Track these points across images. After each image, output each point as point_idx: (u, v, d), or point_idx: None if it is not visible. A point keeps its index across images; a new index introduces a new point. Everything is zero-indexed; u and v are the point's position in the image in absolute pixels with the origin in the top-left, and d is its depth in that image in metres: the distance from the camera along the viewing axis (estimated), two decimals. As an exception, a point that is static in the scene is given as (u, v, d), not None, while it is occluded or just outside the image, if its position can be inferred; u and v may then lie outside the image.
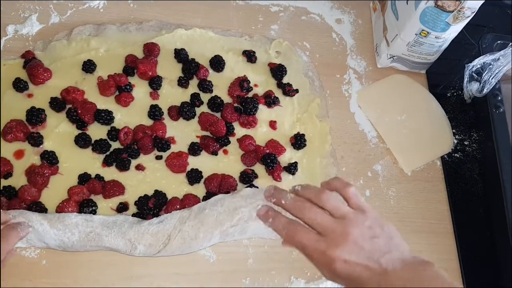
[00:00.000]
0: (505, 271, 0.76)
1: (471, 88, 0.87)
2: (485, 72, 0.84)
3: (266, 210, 0.63)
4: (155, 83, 0.78)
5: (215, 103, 0.79)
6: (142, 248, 0.66)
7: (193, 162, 0.75)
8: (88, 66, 0.77)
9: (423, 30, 0.81)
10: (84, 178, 0.70)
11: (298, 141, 0.79)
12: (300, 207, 0.60)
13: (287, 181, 0.77)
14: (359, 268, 0.56)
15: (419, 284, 0.55)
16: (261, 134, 0.80)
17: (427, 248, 0.80)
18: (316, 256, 0.58)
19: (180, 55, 0.81)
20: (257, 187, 0.74)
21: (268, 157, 0.76)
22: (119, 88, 0.77)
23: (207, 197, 0.72)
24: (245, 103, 0.80)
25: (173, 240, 0.66)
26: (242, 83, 0.81)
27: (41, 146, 0.71)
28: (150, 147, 0.74)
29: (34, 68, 0.74)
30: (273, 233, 0.61)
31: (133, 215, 0.69)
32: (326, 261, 0.57)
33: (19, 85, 0.73)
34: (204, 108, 0.80)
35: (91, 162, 0.72)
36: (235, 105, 0.81)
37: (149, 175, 0.73)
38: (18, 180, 0.69)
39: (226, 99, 0.81)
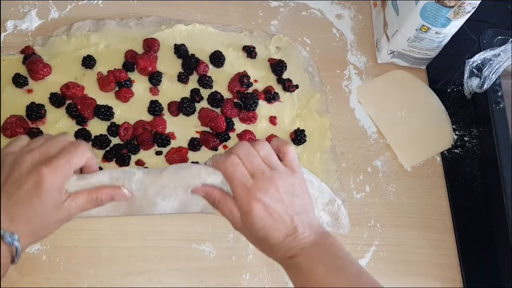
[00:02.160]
0: (504, 266, 0.76)
1: (472, 84, 0.86)
2: (486, 68, 0.84)
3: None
4: (155, 78, 0.78)
5: (215, 99, 0.79)
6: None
7: (193, 157, 0.75)
8: (88, 62, 0.77)
9: (423, 25, 0.81)
10: (84, 173, 0.70)
11: (298, 137, 0.79)
12: (240, 145, 0.63)
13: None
14: (273, 216, 0.59)
15: (320, 249, 0.59)
16: (261, 129, 0.80)
17: (426, 244, 0.80)
18: (240, 192, 0.60)
19: (180, 50, 0.81)
20: None
21: None
22: (118, 84, 0.77)
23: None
24: (245, 99, 0.79)
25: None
26: (242, 78, 0.81)
27: (41, 142, 0.71)
28: (150, 143, 0.74)
29: (33, 64, 0.74)
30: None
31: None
32: (247, 199, 0.59)
33: (18, 81, 0.73)
34: (204, 104, 0.79)
35: (91, 158, 0.72)
36: (235, 100, 0.80)
37: (149, 171, 0.73)
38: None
39: (226, 94, 0.81)
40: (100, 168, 0.66)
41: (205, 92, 0.80)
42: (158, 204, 0.62)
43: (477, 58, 0.85)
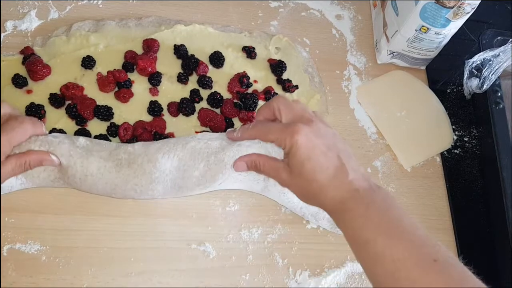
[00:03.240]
0: (504, 266, 0.76)
1: (471, 84, 0.86)
2: (485, 68, 0.84)
3: (233, 130, 0.66)
4: (154, 79, 0.78)
5: (215, 99, 0.79)
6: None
7: (193, 158, 0.75)
8: (88, 62, 0.77)
9: (423, 26, 0.81)
10: (83, 174, 0.70)
11: (298, 137, 0.79)
12: (274, 99, 0.63)
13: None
14: (318, 150, 0.57)
15: (375, 195, 0.56)
16: (260, 130, 0.80)
17: (426, 244, 0.80)
18: (280, 135, 0.59)
19: (179, 51, 0.81)
20: None
21: None
22: (118, 84, 0.77)
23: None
24: (244, 99, 0.79)
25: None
26: (241, 79, 0.81)
27: (40, 142, 0.71)
28: (150, 143, 0.74)
29: (33, 64, 0.74)
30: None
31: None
32: (288, 134, 0.58)
33: (18, 81, 0.73)
34: (203, 104, 0.79)
35: (91, 158, 0.72)
36: (235, 101, 0.80)
37: (148, 171, 0.73)
38: (17, 176, 0.68)
39: (226, 95, 0.81)
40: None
41: (204, 93, 0.80)
42: (159, 161, 0.63)
43: (477, 58, 0.85)
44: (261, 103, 0.81)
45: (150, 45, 0.80)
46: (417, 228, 0.54)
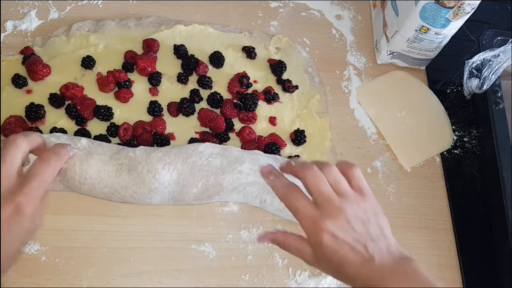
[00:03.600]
0: (504, 266, 0.76)
1: (471, 85, 0.86)
2: (485, 69, 0.84)
3: (271, 168, 0.65)
4: (154, 79, 0.78)
5: (215, 99, 0.79)
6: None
7: (193, 158, 0.75)
8: (87, 62, 0.77)
9: (423, 26, 0.81)
10: (83, 174, 0.70)
11: (298, 137, 0.79)
12: (308, 169, 0.60)
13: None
14: (345, 247, 0.56)
15: (401, 278, 0.55)
16: (260, 130, 0.80)
17: (426, 245, 0.80)
18: (306, 223, 0.58)
19: (179, 51, 0.81)
20: None
21: (272, 145, 0.77)
22: (118, 84, 0.77)
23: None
24: (244, 99, 0.79)
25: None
26: (241, 79, 0.81)
27: (40, 142, 0.71)
28: (150, 143, 0.74)
29: (33, 64, 0.74)
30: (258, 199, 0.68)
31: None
32: (315, 230, 0.57)
33: (18, 81, 0.73)
34: (203, 104, 0.79)
35: (91, 158, 0.72)
36: (235, 101, 0.80)
37: (148, 171, 0.73)
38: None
39: (226, 95, 0.81)
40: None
41: (204, 93, 0.80)
42: (159, 172, 0.64)
43: (477, 58, 0.85)
44: (261, 103, 0.81)
45: (150, 45, 0.80)
46: None
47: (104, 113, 0.74)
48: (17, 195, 0.53)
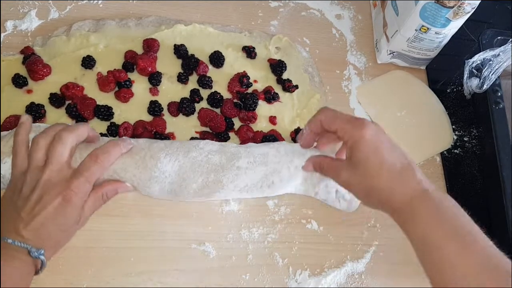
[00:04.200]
0: (504, 267, 0.76)
1: (471, 84, 0.86)
2: (485, 68, 0.84)
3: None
4: (154, 79, 0.78)
5: (215, 99, 0.79)
6: None
7: (193, 158, 0.75)
8: (88, 62, 0.77)
9: (423, 26, 0.81)
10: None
11: (298, 137, 0.79)
12: (321, 111, 0.62)
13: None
14: (386, 145, 0.56)
15: (444, 200, 0.53)
16: (261, 129, 0.80)
17: (426, 244, 0.80)
18: (345, 124, 0.58)
19: (179, 50, 0.81)
20: None
21: (269, 136, 0.77)
22: (118, 84, 0.77)
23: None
24: (244, 99, 0.79)
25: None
26: (241, 79, 0.81)
27: (40, 142, 0.71)
28: (150, 143, 0.74)
29: (33, 64, 0.74)
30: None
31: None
32: (355, 126, 0.56)
33: (18, 81, 0.73)
34: (203, 104, 0.79)
35: (91, 158, 0.72)
36: (235, 101, 0.80)
37: (148, 171, 0.73)
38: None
39: (226, 95, 0.81)
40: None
41: (204, 93, 0.80)
42: (161, 160, 0.64)
43: (477, 58, 0.85)
44: (261, 103, 0.81)
45: (150, 45, 0.80)
46: (488, 241, 0.51)
47: (104, 112, 0.74)
48: (64, 188, 0.57)
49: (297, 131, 0.80)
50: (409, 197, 0.53)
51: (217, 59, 0.82)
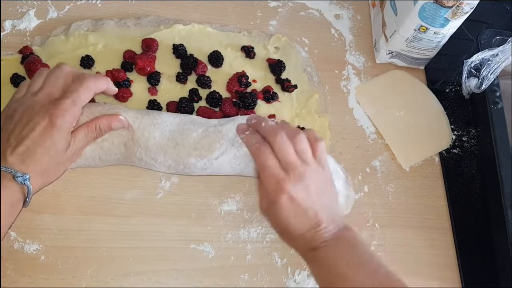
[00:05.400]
0: (503, 266, 0.77)
1: (470, 84, 0.86)
2: (484, 68, 0.84)
3: (246, 126, 0.68)
4: (153, 78, 0.78)
5: (214, 98, 0.79)
6: None
7: (192, 157, 0.75)
8: (86, 62, 0.77)
9: (422, 25, 0.81)
10: (82, 174, 0.70)
11: (297, 137, 0.79)
12: (276, 134, 0.65)
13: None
14: (298, 210, 0.62)
15: (342, 243, 0.62)
16: (260, 129, 0.80)
17: (424, 244, 0.80)
18: (269, 182, 0.63)
19: (178, 50, 0.81)
20: None
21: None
22: (117, 84, 0.77)
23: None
24: (243, 98, 0.79)
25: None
26: (240, 78, 0.81)
27: (39, 142, 0.71)
28: (149, 143, 0.74)
29: (32, 64, 0.74)
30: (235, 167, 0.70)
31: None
32: (275, 189, 0.62)
33: (17, 81, 0.73)
34: (202, 103, 0.79)
35: (90, 158, 0.72)
36: (234, 100, 0.80)
37: (147, 171, 0.73)
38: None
39: (225, 94, 0.81)
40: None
41: (203, 92, 0.80)
42: (163, 114, 0.69)
43: (476, 58, 0.85)
44: (260, 102, 0.81)
45: (149, 45, 0.80)
46: (379, 268, 0.61)
47: (103, 112, 0.74)
48: (50, 110, 0.58)
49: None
50: (310, 248, 0.63)
51: (216, 59, 0.82)
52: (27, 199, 0.58)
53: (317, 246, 0.62)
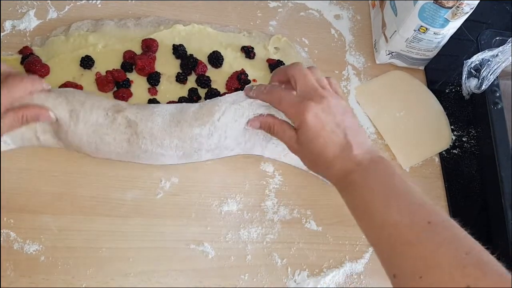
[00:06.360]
0: (503, 266, 0.76)
1: (470, 85, 0.86)
2: (484, 69, 0.84)
3: (250, 87, 0.69)
4: (153, 79, 0.78)
5: (213, 94, 0.79)
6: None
7: (192, 158, 0.75)
8: (86, 62, 0.77)
9: (421, 26, 0.81)
10: (82, 174, 0.70)
11: (297, 137, 0.79)
12: (296, 66, 0.65)
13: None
14: (327, 128, 0.61)
15: (376, 168, 0.59)
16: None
17: (425, 244, 0.80)
18: (291, 110, 0.62)
19: (178, 51, 0.81)
20: None
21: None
22: (117, 84, 0.77)
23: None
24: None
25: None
26: (239, 76, 0.81)
27: (39, 142, 0.71)
28: (149, 143, 0.74)
29: (31, 64, 0.74)
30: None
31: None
32: (299, 111, 0.61)
33: (16, 81, 0.73)
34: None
35: (90, 158, 0.72)
36: (233, 98, 0.80)
37: (147, 171, 0.73)
38: (16, 176, 0.68)
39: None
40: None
41: (203, 92, 0.80)
42: (160, 105, 0.70)
43: (475, 58, 0.85)
44: (260, 103, 0.81)
45: (149, 45, 0.80)
46: (414, 192, 0.57)
47: (103, 113, 0.74)
48: None
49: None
50: (345, 171, 0.60)
51: (216, 59, 0.82)
52: None
53: (352, 169, 0.59)
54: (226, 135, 0.69)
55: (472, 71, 0.86)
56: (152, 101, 0.76)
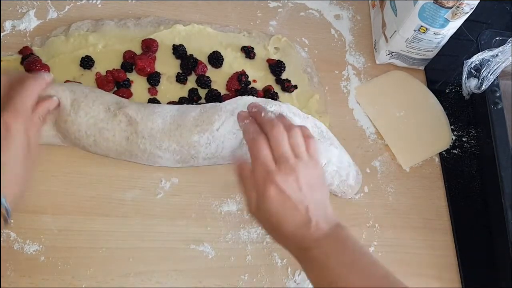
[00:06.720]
0: (503, 266, 0.77)
1: (470, 85, 0.86)
2: (484, 69, 0.84)
3: (247, 115, 0.67)
4: (153, 79, 0.78)
5: (213, 95, 0.79)
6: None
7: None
8: (86, 62, 0.77)
9: (421, 26, 0.81)
10: (82, 174, 0.70)
11: (297, 137, 0.79)
12: (273, 125, 0.63)
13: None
14: (288, 204, 0.60)
15: (333, 241, 0.59)
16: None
17: (424, 244, 0.80)
18: (259, 173, 0.61)
19: (178, 51, 0.81)
20: None
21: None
22: (117, 84, 0.77)
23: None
24: (244, 93, 0.79)
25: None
26: (240, 77, 0.81)
27: (39, 142, 0.71)
28: (149, 143, 0.74)
29: (31, 64, 0.74)
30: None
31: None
32: (265, 180, 0.60)
33: (17, 81, 0.73)
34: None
35: (90, 158, 0.72)
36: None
37: (147, 171, 0.73)
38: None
39: (225, 93, 0.81)
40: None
41: (203, 92, 0.80)
42: (160, 106, 0.71)
43: (475, 58, 0.85)
44: (260, 102, 0.81)
45: (149, 45, 0.80)
46: (372, 266, 0.59)
47: (103, 113, 0.74)
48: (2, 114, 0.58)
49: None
50: (302, 248, 0.60)
51: (216, 59, 0.82)
52: (8, 220, 0.57)
53: (309, 246, 0.59)
54: (223, 145, 0.70)
55: (472, 71, 0.86)
56: (153, 100, 0.76)
